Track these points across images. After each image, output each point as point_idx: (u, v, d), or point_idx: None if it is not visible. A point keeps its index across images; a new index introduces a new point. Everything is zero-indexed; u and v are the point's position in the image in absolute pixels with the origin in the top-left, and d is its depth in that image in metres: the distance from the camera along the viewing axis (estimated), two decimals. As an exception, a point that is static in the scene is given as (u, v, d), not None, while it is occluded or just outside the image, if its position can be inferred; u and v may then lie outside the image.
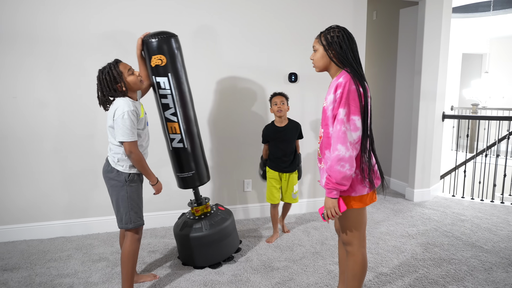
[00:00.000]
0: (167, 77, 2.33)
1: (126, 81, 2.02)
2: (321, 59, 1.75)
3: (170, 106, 2.38)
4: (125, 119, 1.96)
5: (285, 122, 2.95)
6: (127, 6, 3.05)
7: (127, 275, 2.11)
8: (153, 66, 2.31)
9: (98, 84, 2.01)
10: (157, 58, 2.28)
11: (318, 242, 3.03)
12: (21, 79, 2.91)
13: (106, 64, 2.03)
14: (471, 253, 2.84)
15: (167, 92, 2.35)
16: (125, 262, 2.11)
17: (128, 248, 2.11)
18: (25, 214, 3.03)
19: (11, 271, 2.50)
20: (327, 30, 1.73)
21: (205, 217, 2.60)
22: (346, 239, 1.83)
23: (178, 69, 2.37)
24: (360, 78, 1.66)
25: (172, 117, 2.40)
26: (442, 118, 4.32)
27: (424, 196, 4.23)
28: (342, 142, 1.61)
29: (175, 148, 2.47)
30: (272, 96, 2.95)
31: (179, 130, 2.42)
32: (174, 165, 2.53)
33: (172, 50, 2.33)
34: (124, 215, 2.08)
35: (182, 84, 2.41)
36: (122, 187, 2.06)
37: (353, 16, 3.66)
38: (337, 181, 1.64)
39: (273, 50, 3.48)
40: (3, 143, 2.93)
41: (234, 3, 3.31)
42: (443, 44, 4.12)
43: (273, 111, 2.91)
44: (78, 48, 2.99)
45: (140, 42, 2.28)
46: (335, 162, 1.62)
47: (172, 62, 2.33)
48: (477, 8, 6.69)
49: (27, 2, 2.84)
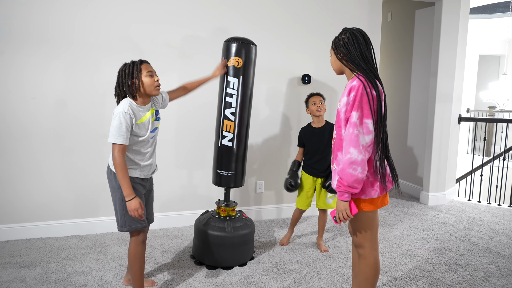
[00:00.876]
0: (238, 79, 2.54)
1: (141, 81, 2.00)
2: (334, 62, 1.80)
3: (232, 105, 2.56)
4: (115, 119, 1.92)
5: (322, 123, 2.87)
6: (141, 8, 3.09)
7: (135, 275, 2.13)
8: (229, 65, 2.54)
9: (117, 76, 2.03)
10: (235, 60, 2.52)
11: (331, 245, 3.01)
12: (33, 79, 2.97)
13: (131, 61, 2.05)
14: (488, 259, 2.78)
15: (234, 92, 2.55)
16: (131, 264, 2.12)
17: (132, 250, 2.10)
18: (41, 212, 3.09)
19: (28, 268, 2.55)
20: (339, 34, 1.76)
21: (229, 219, 2.63)
22: (358, 241, 1.82)
23: (250, 75, 2.59)
24: (374, 81, 1.65)
25: (231, 116, 2.57)
26: (459, 120, 4.25)
27: (439, 200, 4.16)
28: (355, 145, 1.61)
29: (223, 145, 2.60)
30: (309, 96, 2.89)
31: (233, 130, 2.57)
32: (217, 161, 2.64)
33: (250, 57, 2.56)
34: (120, 217, 2.06)
35: (248, 89, 2.60)
36: (118, 190, 2.02)
37: (368, 17, 3.63)
38: (348, 184, 1.63)
39: (286, 52, 3.47)
40: (24, 143, 2.99)
41: (249, 6, 3.32)
42: (460, 45, 4.05)
43: (312, 110, 2.84)
44: (92, 49, 3.03)
45: (223, 64, 2.53)
46: (347, 165, 1.62)
47: (246, 67, 2.55)
48: (495, 9, 6.56)
49: (40, 3, 2.90)
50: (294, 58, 3.50)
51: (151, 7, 3.11)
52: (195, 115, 3.30)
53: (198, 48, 3.24)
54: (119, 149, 1.91)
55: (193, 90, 2.47)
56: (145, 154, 2.09)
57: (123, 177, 1.91)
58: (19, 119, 2.96)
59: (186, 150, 3.33)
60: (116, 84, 2.03)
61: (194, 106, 3.29)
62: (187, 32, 3.22)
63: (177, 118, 3.27)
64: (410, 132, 4.60)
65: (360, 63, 1.68)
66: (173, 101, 2.54)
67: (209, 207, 3.42)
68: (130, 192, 1.91)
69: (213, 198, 3.40)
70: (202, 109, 3.30)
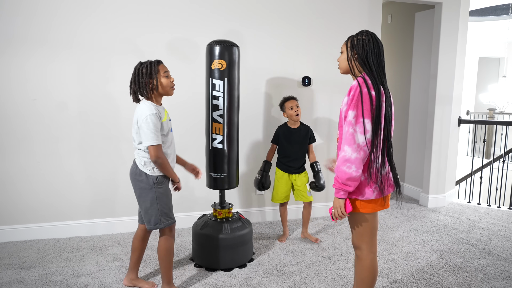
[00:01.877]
0: (223, 81, 2.54)
1: (159, 81, 2.07)
2: (344, 60, 1.79)
3: (219, 107, 2.56)
4: (148, 122, 1.99)
5: (298, 124, 3.04)
6: (148, 11, 3.10)
7: (165, 269, 2.20)
8: (212, 68, 2.52)
9: (133, 74, 2.07)
10: (218, 62, 2.51)
11: (331, 246, 3.01)
12: (35, 80, 2.98)
13: (147, 60, 2.09)
14: (487, 261, 2.78)
15: (220, 95, 2.55)
16: (162, 258, 2.18)
17: (163, 245, 2.17)
18: (42, 213, 3.09)
19: (28, 270, 2.55)
20: (356, 34, 1.76)
21: (226, 221, 2.64)
22: (355, 242, 1.83)
23: (235, 76, 2.59)
24: (376, 82, 1.66)
25: (219, 118, 2.57)
26: (458, 123, 4.25)
27: (439, 202, 4.16)
28: (349, 143, 1.63)
29: (214, 148, 2.61)
30: (285, 101, 3.01)
31: (222, 132, 2.57)
32: (209, 164, 2.65)
33: (233, 58, 2.56)
34: (154, 216, 2.12)
35: (234, 90, 2.60)
36: (151, 189, 2.10)
37: (368, 19, 3.65)
38: (342, 181, 1.65)
39: (287, 54, 3.48)
40: (24, 144, 2.99)
41: (249, 9, 3.33)
42: (459, 48, 4.06)
43: (289, 115, 2.99)
44: (94, 51, 3.05)
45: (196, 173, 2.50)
46: (341, 163, 1.65)
47: (230, 69, 2.55)
48: (495, 11, 6.58)
49: (43, 7, 2.92)
50: (294, 60, 3.51)
51: (150, 9, 3.13)
52: (191, 117, 3.31)
53: (201, 51, 3.25)
54: (159, 149, 2.03)
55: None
56: (170, 155, 2.19)
57: (169, 170, 2.12)
58: (20, 120, 2.97)
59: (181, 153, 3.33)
60: (131, 82, 2.08)
61: (189, 109, 3.29)
62: (186, 36, 3.23)
63: (172, 120, 3.27)
64: (410, 134, 4.61)
65: (372, 66, 1.69)
66: (167, 105, 2.55)
67: (207, 209, 3.43)
68: (177, 176, 2.18)
69: (211, 200, 3.40)
70: (199, 112, 3.31)
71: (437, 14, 3.97)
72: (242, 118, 3.33)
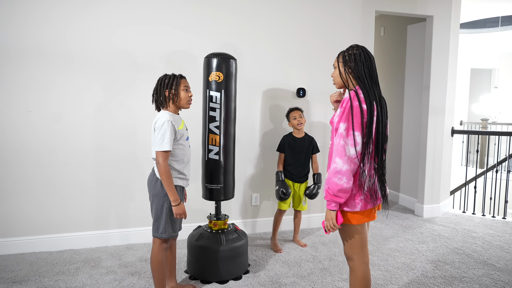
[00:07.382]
0: (220, 93, 2.57)
1: (178, 93, 2.17)
2: (338, 76, 1.81)
3: (216, 119, 2.59)
4: (164, 128, 2.06)
5: (302, 134, 3.17)
6: (147, 23, 3.13)
7: (158, 280, 2.20)
8: (210, 80, 2.57)
9: (156, 84, 2.19)
10: (216, 74, 2.56)
11: (326, 258, 3.00)
12: (30, 93, 2.98)
13: (172, 73, 2.22)
14: (483, 271, 2.78)
15: (217, 106, 2.58)
16: (154, 269, 2.19)
17: (156, 256, 2.18)
18: (34, 226, 3.05)
19: (20, 284, 2.51)
20: (347, 49, 1.79)
21: (222, 232, 2.63)
22: (346, 253, 1.84)
23: (231, 88, 2.62)
24: (368, 95, 1.68)
25: (215, 130, 2.59)
26: (451, 133, 4.30)
27: (434, 212, 4.18)
28: (340, 155, 1.65)
29: (210, 159, 2.62)
30: (290, 111, 3.14)
31: (218, 143, 2.59)
32: (205, 175, 2.65)
33: (230, 71, 2.60)
34: (162, 224, 2.15)
35: (231, 101, 2.63)
36: (164, 198, 2.13)
37: (361, 32, 3.70)
38: (334, 193, 1.67)
39: (281, 66, 3.52)
40: (17, 156, 2.98)
41: (245, 21, 3.38)
42: (451, 59, 4.13)
43: (293, 124, 3.12)
44: (89, 64, 3.06)
45: None
46: (332, 174, 1.66)
47: (228, 81, 2.58)
48: (485, 24, 6.71)
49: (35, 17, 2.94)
50: (289, 72, 3.55)
51: (148, 21, 3.16)
52: (188, 128, 3.32)
53: (198, 63, 3.27)
54: (164, 157, 2.06)
55: None
56: (187, 163, 2.25)
57: (170, 183, 2.08)
58: (13, 132, 2.96)
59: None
60: (154, 91, 2.21)
61: (186, 120, 3.30)
62: (184, 48, 3.25)
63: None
64: (404, 145, 4.64)
65: (365, 79, 1.71)
66: None
67: (203, 220, 3.41)
68: (177, 197, 2.10)
69: (207, 211, 3.38)
70: (196, 123, 3.32)
71: (429, 26, 4.05)
72: (238, 130, 3.35)
